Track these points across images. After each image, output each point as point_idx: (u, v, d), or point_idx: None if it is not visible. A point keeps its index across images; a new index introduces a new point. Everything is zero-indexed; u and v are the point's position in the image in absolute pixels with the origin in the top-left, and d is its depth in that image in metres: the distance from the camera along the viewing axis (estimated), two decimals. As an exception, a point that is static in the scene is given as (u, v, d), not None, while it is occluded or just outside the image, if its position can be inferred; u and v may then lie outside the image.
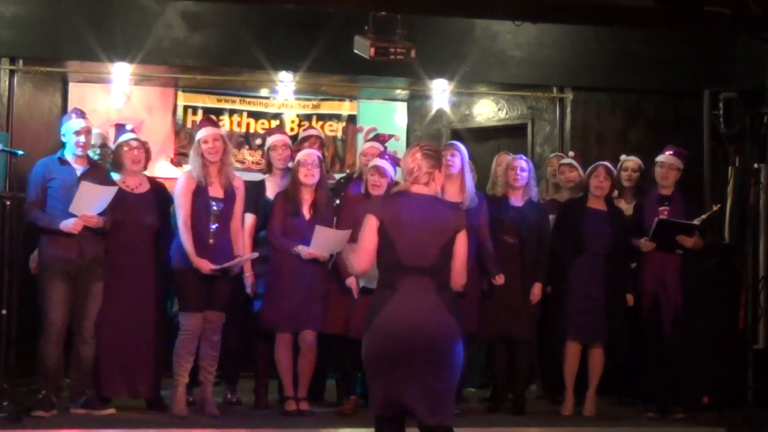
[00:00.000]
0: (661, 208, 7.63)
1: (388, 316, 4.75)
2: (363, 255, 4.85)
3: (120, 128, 7.41)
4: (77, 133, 6.97)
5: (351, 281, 7.12)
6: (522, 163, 7.59)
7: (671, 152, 7.74)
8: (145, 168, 7.35)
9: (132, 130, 7.38)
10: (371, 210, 4.94)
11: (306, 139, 7.86)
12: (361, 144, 8.84)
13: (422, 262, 4.78)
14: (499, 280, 7.29)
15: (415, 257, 4.77)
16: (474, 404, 7.85)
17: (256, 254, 7.13)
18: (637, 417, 7.57)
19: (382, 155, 7.35)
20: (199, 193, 6.95)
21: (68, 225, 6.81)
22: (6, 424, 6.38)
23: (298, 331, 7.13)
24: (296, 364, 7.15)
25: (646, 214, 7.65)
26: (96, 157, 7.44)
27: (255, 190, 7.42)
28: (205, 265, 6.84)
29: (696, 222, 7.52)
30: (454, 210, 5.03)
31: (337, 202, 7.50)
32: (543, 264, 7.49)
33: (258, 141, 9.63)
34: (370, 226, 4.84)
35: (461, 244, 4.89)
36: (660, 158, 7.74)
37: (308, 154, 7.23)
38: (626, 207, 7.91)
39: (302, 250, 7.07)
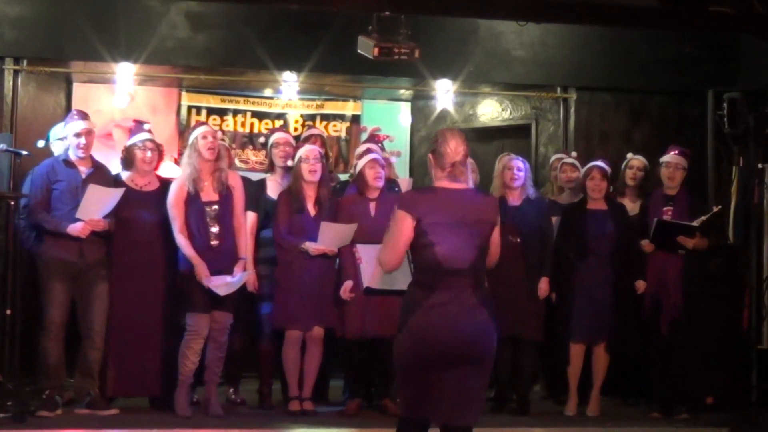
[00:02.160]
0: (665, 208, 7.62)
1: (426, 317, 4.60)
2: (394, 253, 4.65)
3: (138, 125, 7.31)
4: (77, 135, 6.98)
5: (347, 284, 7.10)
6: (519, 163, 7.59)
7: (677, 152, 7.73)
8: (155, 169, 7.33)
9: (149, 131, 7.27)
10: (404, 206, 4.66)
11: (307, 138, 7.88)
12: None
13: (462, 264, 4.63)
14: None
15: (455, 260, 4.62)
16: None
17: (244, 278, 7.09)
18: (641, 417, 7.56)
19: (371, 151, 7.36)
20: (192, 201, 6.93)
21: (76, 229, 6.82)
22: (10, 424, 6.39)
23: (308, 329, 7.13)
24: (301, 364, 7.16)
25: (651, 215, 7.63)
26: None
27: (255, 188, 7.42)
28: (205, 274, 6.82)
29: (695, 223, 7.49)
30: (490, 203, 4.85)
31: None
32: (547, 259, 7.49)
33: (261, 140, 9.62)
34: (406, 224, 4.61)
35: (496, 234, 4.78)
36: (666, 158, 7.73)
37: (309, 150, 7.24)
38: (631, 206, 7.89)
39: (310, 246, 7.08)
